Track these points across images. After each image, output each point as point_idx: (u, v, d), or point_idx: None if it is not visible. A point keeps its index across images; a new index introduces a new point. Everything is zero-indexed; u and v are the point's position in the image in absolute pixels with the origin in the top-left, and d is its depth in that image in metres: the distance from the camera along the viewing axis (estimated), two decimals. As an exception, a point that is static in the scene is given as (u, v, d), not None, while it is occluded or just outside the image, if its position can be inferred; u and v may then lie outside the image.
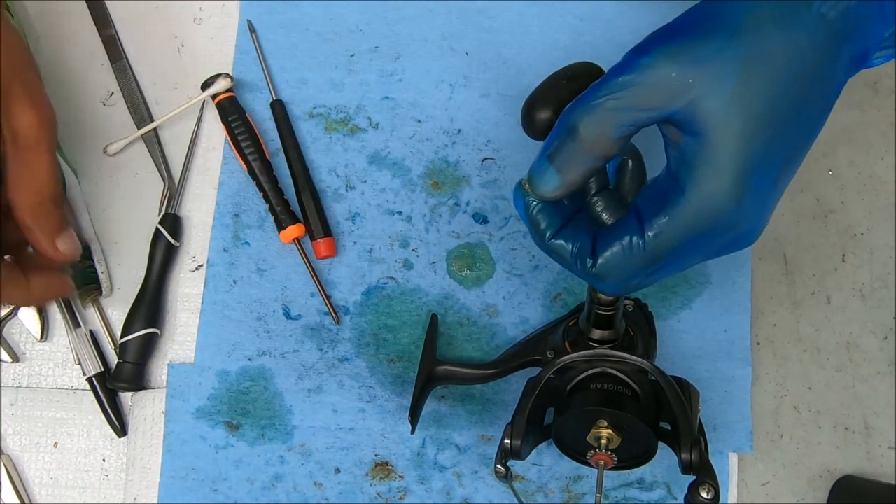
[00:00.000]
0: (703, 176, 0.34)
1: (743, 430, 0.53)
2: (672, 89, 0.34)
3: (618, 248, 0.37)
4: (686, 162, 0.35)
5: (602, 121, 0.35)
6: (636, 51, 0.35)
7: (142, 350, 0.52)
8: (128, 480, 0.52)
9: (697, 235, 0.35)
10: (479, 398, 0.53)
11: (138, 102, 0.56)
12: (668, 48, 0.34)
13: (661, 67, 0.34)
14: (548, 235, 0.39)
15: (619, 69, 0.35)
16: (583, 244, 0.38)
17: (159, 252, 0.53)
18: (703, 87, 0.34)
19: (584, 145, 0.36)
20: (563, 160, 0.36)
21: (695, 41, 0.34)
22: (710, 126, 0.34)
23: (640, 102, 0.34)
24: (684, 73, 0.34)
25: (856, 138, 0.57)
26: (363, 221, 0.55)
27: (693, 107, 0.34)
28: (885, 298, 0.55)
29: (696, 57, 0.34)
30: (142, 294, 0.53)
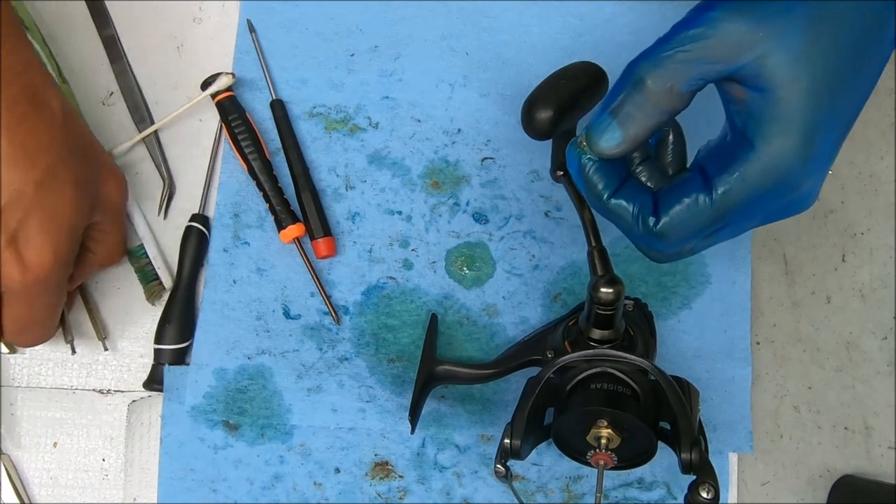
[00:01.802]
0: (773, 132, 0.34)
1: (743, 430, 0.52)
2: (740, 44, 0.34)
3: (684, 205, 0.36)
4: (754, 118, 0.35)
5: (671, 74, 0.35)
6: (702, 6, 0.35)
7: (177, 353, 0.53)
8: (126, 481, 0.52)
9: (764, 193, 0.36)
10: (479, 398, 0.53)
11: (138, 102, 0.56)
12: (736, 2, 0.34)
13: (730, 21, 0.34)
14: (606, 195, 0.38)
15: (686, 23, 0.35)
16: (643, 203, 0.37)
17: (190, 252, 0.53)
18: (772, 42, 0.34)
19: (651, 98, 0.35)
20: (628, 114, 0.36)
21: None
22: (778, 82, 0.34)
23: (709, 55, 0.34)
24: (753, 27, 0.34)
25: (856, 138, 0.57)
26: (363, 221, 0.55)
27: (761, 62, 0.34)
28: (885, 298, 0.55)
29: (764, 12, 0.34)
30: (174, 296, 0.53)
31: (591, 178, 0.38)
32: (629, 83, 0.36)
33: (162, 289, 0.54)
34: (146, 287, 0.54)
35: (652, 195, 0.38)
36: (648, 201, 0.38)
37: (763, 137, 0.35)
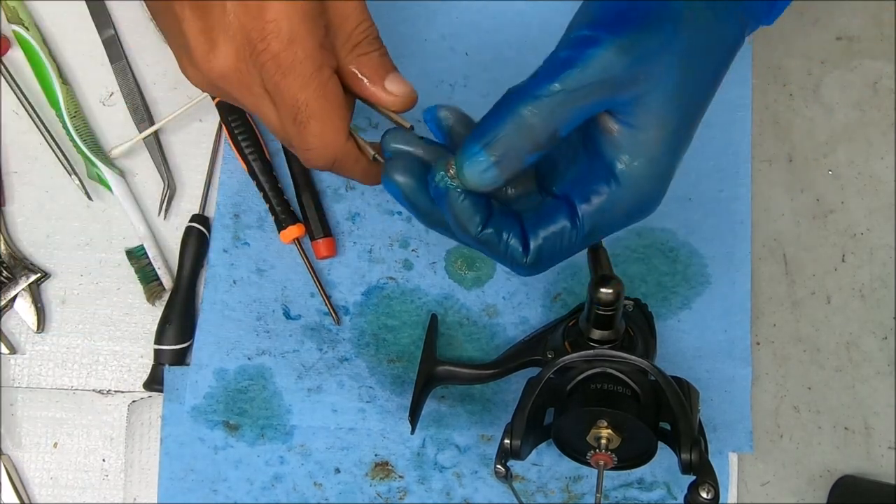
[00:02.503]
0: (640, 168, 0.35)
1: (743, 430, 0.52)
2: (621, 82, 0.33)
3: (552, 237, 0.36)
4: (621, 153, 0.35)
5: (556, 116, 0.34)
6: (585, 40, 0.34)
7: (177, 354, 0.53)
8: (127, 481, 0.52)
9: (625, 220, 0.36)
10: (479, 398, 0.53)
11: (138, 102, 0.56)
12: (620, 40, 0.33)
13: (614, 60, 0.33)
14: (478, 228, 0.36)
15: (569, 61, 0.33)
16: (513, 233, 0.37)
17: (190, 252, 0.53)
18: (651, 82, 0.34)
19: (531, 140, 0.34)
20: (506, 153, 0.34)
21: (644, 32, 0.34)
22: (651, 121, 0.34)
23: (592, 96, 0.33)
24: (634, 66, 0.33)
25: (856, 138, 0.57)
26: (363, 221, 0.55)
27: (638, 101, 0.34)
28: (885, 298, 0.55)
29: (646, 50, 0.33)
30: (174, 296, 0.53)
31: (461, 208, 0.36)
32: (509, 121, 0.34)
33: (162, 289, 0.54)
34: (146, 287, 0.54)
35: (518, 222, 0.37)
36: (517, 230, 0.37)
37: (630, 175, 0.35)
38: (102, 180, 0.54)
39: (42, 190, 0.55)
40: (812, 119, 0.57)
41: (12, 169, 0.55)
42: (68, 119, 0.54)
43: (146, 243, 0.54)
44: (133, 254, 0.54)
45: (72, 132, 0.54)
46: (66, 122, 0.54)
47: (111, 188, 0.54)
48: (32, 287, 0.53)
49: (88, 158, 0.54)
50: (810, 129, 0.57)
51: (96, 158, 0.54)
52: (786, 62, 0.58)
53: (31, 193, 0.55)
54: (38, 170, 0.55)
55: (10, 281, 0.53)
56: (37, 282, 0.53)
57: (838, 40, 0.58)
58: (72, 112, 0.55)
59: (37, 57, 0.55)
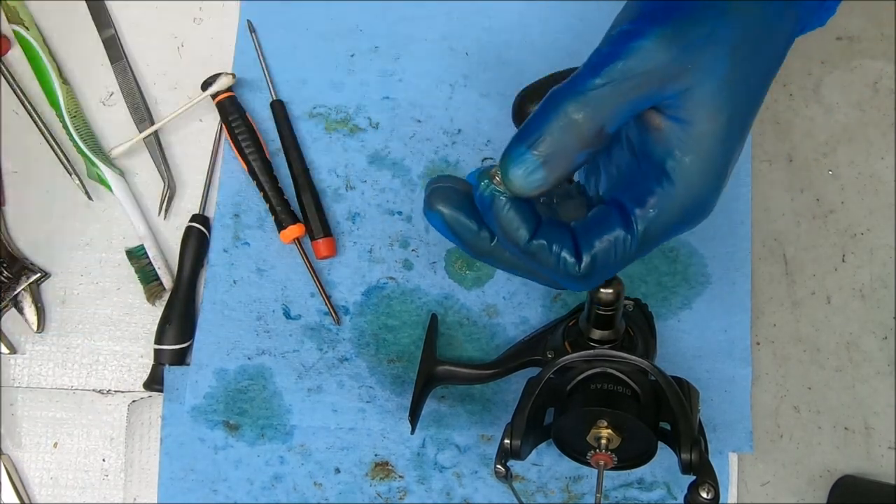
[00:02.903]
0: (693, 167, 0.33)
1: (743, 430, 0.52)
2: (668, 75, 0.32)
3: (606, 244, 0.34)
4: (673, 150, 0.33)
5: (601, 112, 0.32)
6: (628, 33, 0.33)
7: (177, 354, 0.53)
8: (127, 481, 0.52)
9: (681, 223, 0.35)
10: (479, 398, 0.53)
11: (138, 102, 0.56)
12: (664, 30, 0.32)
13: (659, 52, 0.32)
14: (526, 238, 0.34)
15: (613, 53, 0.32)
16: (564, 243, 0.34)
17: (190, 252, 0.53)
18: (699, 73, 0.32)
19: (579, 139, 0.32)
20: (553, 154, 0.32)
21: (688, 23, 0.32)
22: (701, 115, 0.33)
23: (638, 90, 0.32)
24: (681, 58, 0.32)
25: (856, 138, 0.57)
26: (363, 221, 0.55)
27: (686, 94, 0.32)
28: (885, 298, 0.55)
29: (691, 41, 0.32)
30: (174, 296, 0.53)
31: (508, 216, 0.34)
32: (555, 119, 0.32)
33: (162, 289, 0.54)
34: (146, 287, 0.54)
35: (569, 232, 0.35)
36: (569, 240, 0.35)
37: (682, 172, 0.33)
38: (102, 180, 0.54)
39: (42, 190, 0.55)
40: (812, 119, 0.57)
41: (12, 169, 0.55)
42: (68, 119, 0.54)
43: (146, 243, 0.54)
44: (133, 254, 0.54)
45: (72, 132, 0.54)
46: (66, 122, 0.54)
47: (111, 188, 0.54)
48: (32, 287, 0.53)
49: (88, 158, 0.54)
50: (810, 129, 0.57)
51: (96, 158, 0.54)
52: (786, 62, 0.58)
53: (31, 193, 0.55)
54: (38, 170, 0.55)
55: (10, 281, 0.53)
56: (37, 282, 0.54)
57: (838, 40, 0.58)
58: (72, 112, 0.55)
59: (37, 57, 0.55)
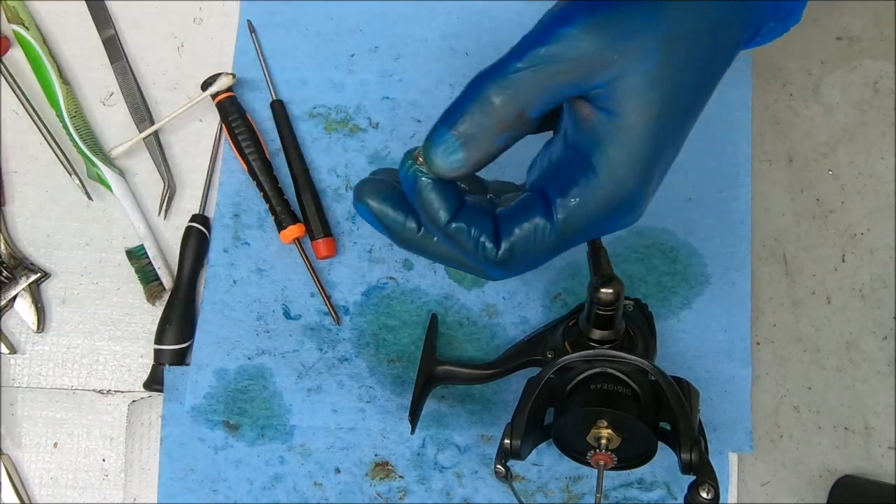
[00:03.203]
0: (619, 159, 0.33)
1: (743, 430, 0.52)
2: (595, 64, 0.32)
3: (526, 232, 0.34)
4: (599, 141, 0.33)
5: (522, 97, 0.32)
6: (557, 19, 0.32)
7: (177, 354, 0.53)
8: (127, 481, 0.52)
9: (605, 217, 0.34)
10: (479, 398, 0.53)
11: (138, 102, 0.56)
12: (594, 19, 0.31)
13: (586, 40, 0.31)
14: (446, 219, 0.34)
15: (538, 38, 0.32)
16: (484, 228, 0.34)
17: (190, 252, 0.53)
18: (627, 63, 0.32)
19: (498, 122, 0.32)
20: (472, 136, 0.32)
21: (620, 13, 0.32)
22: (630, 106, 0.32)
23: (562, 76, 0.32)
24: (609, 47, 0.31)
25: (856, 138, 0.57)
26: (363, 221, 0.55)
27: (614, 84, 0.32)
28: (885, 298, 0.55)
29: (622, 31, 0.31)
30: (174, 296, 0.53)
31: (429, 197, 0.34)
32: (475, 101, 0.32)
33: (162, 289, 0.54)
34: (146, 287, 0.54)
35: (491, 217, 0.35)
36: (489, 225, 0.34)
37: (607, 164, 0.33)
38: (102, 180, 0.54)
39: (42, 190, 0.55)
40: (812, 119, 0.57)
41: (12, 169, 0.55)
42: (68, 119, 0.54)
43: (146, 243, 0.54)
44: (133, 254, 0.54)
45: (72, 132, 0.54)
46: (66, 122, 0.54)
47: (111, 188, 0.54)
48: (32, 287, 0.53)
49: (88, 158, 0.54)
50: (810, 129, 0.57)
51: (96, 158, 0.54)
52: (786, 62, 0.58)
53: (31, 193, 0.55)
54: (38, 170, 0.55)
55: (10, 281, 0.53)
56: (37, 282, 0.54)
57: (838, 40, 0.58)
58: (72, 112, 0.55)
59: (37, 57, 0.55)
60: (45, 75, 0.55)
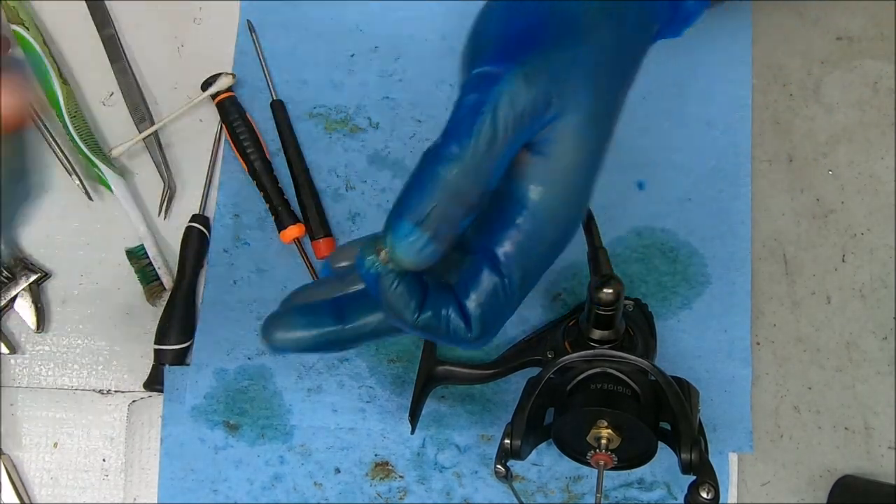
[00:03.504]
0: (558, 197, 0.32)
1: (743, 430, 0.52)
2: (533, 112, 0.31)
3: (488, 301, 0.33)
4: (535, 185, 0.32)
5: (481, 172, 0.31)
6: (487, 77, 0.31)
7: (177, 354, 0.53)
8: (127, 481, 0.52)
9: (551, 254, 0.34)
10: (479, 398, 0.53)
11: (138, 102, 0.56)
12: (523, 68, 0.31)
13: (524, 91, 0.31)
14: (415, 315, 0.32)
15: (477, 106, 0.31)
16: (451, 308, 0.33)
17: (190, 253, 0.53)
18: (561, 104, 0.31)
19: (461, 202, 0.31)
20: (439, 224, 0.31)
21: (546, 53, 0.31)
22: (567, 146, 0.32)
23: (508, 136, 0.31)
24: (543, 92, 0.31)
25: (856, 138, 0.57)
26: (363, 221, 0.55)
27: (551, 127, 0.31)
28: (885, 298, 0.55)
29: (552, 72, 0.31)
30: (174, 296, 0.53)
31: (397, 294, 0.32)
32: (435, 188, 0.31)
33: (162, 289, 0.54)
34: (146, 287, 0.54)
35: (452, 293, 0.33)
36: (454, 306, 0.33)
37: (547, 207, 0.32)
38: (102, 180, 0.54)
39: (42, 190, 0.55)
40: (812, 119, 0.57)
41: (12, 169, 0.55)
42: (68, 119, 0.54)
43: (146, 243, 0.54)
44: (133, 254, 0.54)
45: (72, 132, 0.54)
46: (66, 122, 0.54)
47: (111, 188, 0.54)
48: (32, 287, 0.53)
49: (88, 158, 0.54)
50: (810, 129, 0.57)
51: (96, 158, 0.54)
52: (786, 62, 0.58)
53: (31, 193, 0.55)
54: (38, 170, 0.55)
55: (10, 281, 0.53)
56: (37, 282, 0.54)
57: (838, 40, 0.58)
58: (72, 112, 0.55)
59: (37, 57, 0.55)
60: (45, 75, 0.55)
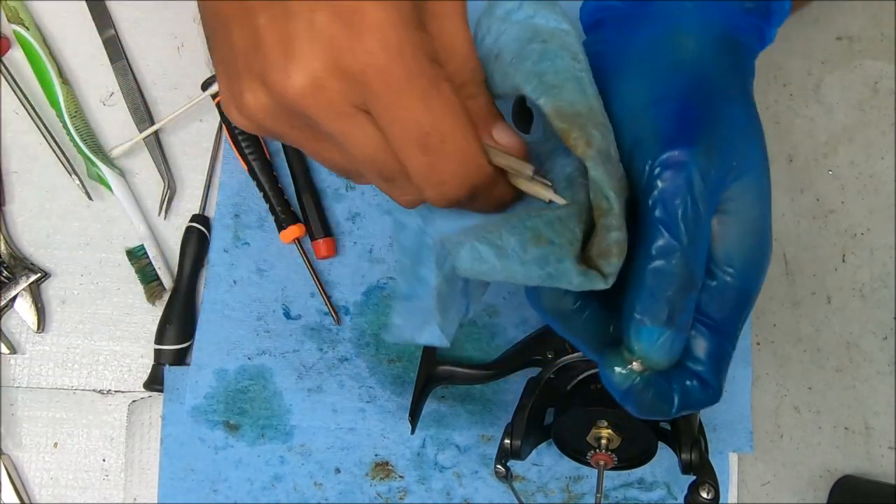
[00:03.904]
0: (752, 248, 0.34)
1: (743, 430, 0.52)
2: (722, 180, 0.33)
3: (716, 364, 0.34)
4: (729, 242, 0.34)
5: (693, 250, 0.32)
6: (672, 164, 0.33)
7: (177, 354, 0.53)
8: (127, 481, 0.52)
9: (755, 296, 0.35)
10: (479, 398, 0.53)
11: (138, 102, 0.56)
12: (701, 146, 0.33)
13: (709, 166, 0.33)
14: (675, 408, 0.34)
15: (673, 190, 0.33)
16: (694, 382, 0.34)
17: (190, 252, 0.53)
18: (740, 164, 0.34)
19: (687, 284, 0.32)
20: (676, 312, 0.32)
21: (713, 124, 0.33)
22: (750, 200, 0.34)
23: (709, 209, 0.33)
24: (727, 157, 0.33)
25: (856, 138, 0.57)
26: (363, 221, 0.55)
27: (733, 187, 0.34)
28: (885, 298, 0.55)
29: (723, 138, 0.33)
30: (174, 296, 0.53)
31: (658, 398, 0.33)
32: (666, 285, 0.32)
33: (162, 289, 0.54)
34: (146, 287, 0.54)
35: (686, 368, 0.34)
36: (691, 377, 0.34)
37: (743, 260, 0.34)
38: (102, 180, 0.54)
39: (42, 190, 0.55)
40: (812, 119, 0.57)
41: (12, 169, 0.55)
42: (68, 119, 0.54)
43: (146, 243, 0.54)
44: (133, 254, 0.54)
45: (72, 132, 0.54)
46: (66, 122, 0.54)
47: (111, 188, 0.54)
48: (32, 287, 0.53)
49: (88, 158, 0.54)
50: (810, 129, 0.57)
51: (96, 158, 0.54)
52: (786, 62, 0.58)
53: (31, 193, 0.55)
54: (38, 170, 0.55)
55: (10, 281, 0.53)
56: (37, 282, 0.54)
57: (838, 40, 0.58)
58: (72, 112, 0.55)
59: (37, 57, 0.55)
60: (45, 75, 0.55)
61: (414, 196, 0.32)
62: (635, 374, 0.33)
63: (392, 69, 0.28)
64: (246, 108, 0.30)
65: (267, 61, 0.28)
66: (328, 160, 0.32)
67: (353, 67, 0.28)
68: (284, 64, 0.28)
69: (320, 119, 0.29)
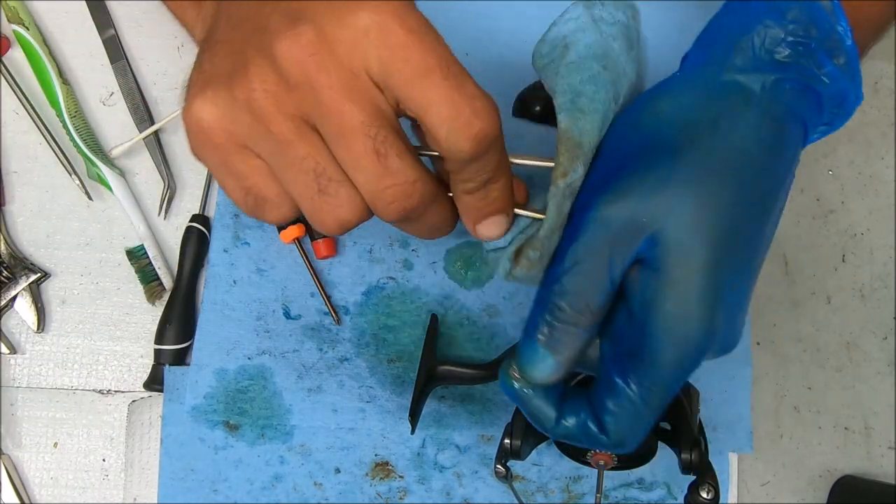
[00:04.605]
0: (673, 315, 0.32)
1: (743, 430, 0.52)
2: (633, 229, 0.32)
3: (620, 413, 0.34)
4: (649, 303, 0.32)
5: (582, 293, 0.33)
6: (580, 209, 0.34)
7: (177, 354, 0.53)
8: (127, 481, 0.52)
9: (683, 370, 0.34)
10: (479, 398, 0.53)
11: (138, 102, 0.56)
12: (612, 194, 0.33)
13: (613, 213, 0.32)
14: (554, 422, 0.35)
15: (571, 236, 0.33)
16: (587, 417, 0.35)
17: (190, 252, 0.53)
18: (659, 220, 0.32)
19: (573, 321, 0.33)
20: (557, 340, 0.34)
21: (635, 176, 0.33)
22: (674, 260, 0.32)
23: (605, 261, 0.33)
24: (639, 209, 0.32)
25: (856, 138, 0.57)
26: (363, 221, 0.55)
27: (654, 242, 0.32)
28: (885, 298, 0.55)
29: (641, 194, 0.32)
30: (174, 296, 0.53)
31: (535, 406, 0.35)
32: (546, 311, 0.34)
33: (162, 289, 0.54)
34: (146, 287, 0.54)
35: (586, 401, 0.35)
36: (589, 413, 0.35)
37: (661, 324, 0.32)
38: (102, 180, 0.54)
39: (42, 190, 0.55)
40: (812, 119, 0.57)
41: (12, 169, 0.55)
42: (68, 119, 0.54)
43: (146, 243, 0.54)
44: (133, 254, 0.54)
45: (72, 132, 0.54)
46: (66, 122, 0.54)
47: (111, 188, 0.54)
48: (32, 287, 0.53)
49: (88, 158, 0.54)
50: (810, 129, 0.57)
51: (96, 158, 0.54)
52: (786, 62, 0.58)
53: (31, 193, 0.55)
54: (38, 170, 0.55)
55: (10, 281, 0.53)
56: (37, 282, 0.53)
57: (838, 40, 0.58)
58: (72, 112, 0.55)
59: (37, 57, 0.55)
60: (45, 75, 0.55)
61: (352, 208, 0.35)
62: (514, 381, 0.35)
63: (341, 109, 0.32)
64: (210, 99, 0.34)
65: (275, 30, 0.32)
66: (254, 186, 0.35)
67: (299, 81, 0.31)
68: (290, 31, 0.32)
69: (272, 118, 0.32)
